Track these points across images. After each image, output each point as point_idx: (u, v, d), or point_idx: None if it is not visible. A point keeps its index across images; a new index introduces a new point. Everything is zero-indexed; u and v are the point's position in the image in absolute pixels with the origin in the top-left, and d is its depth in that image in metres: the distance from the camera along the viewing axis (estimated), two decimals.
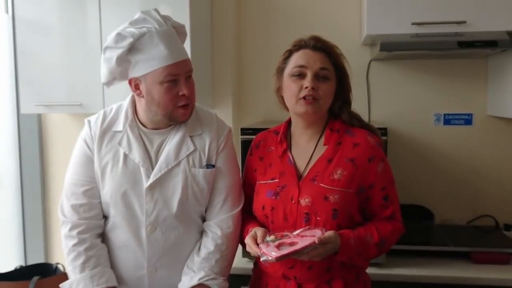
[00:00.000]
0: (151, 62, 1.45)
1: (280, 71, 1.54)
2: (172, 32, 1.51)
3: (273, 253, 1.32)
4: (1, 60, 2.61)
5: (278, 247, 1.35)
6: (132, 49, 1.45)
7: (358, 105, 2.51)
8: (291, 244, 1.34)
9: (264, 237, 1.42)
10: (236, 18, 2.63)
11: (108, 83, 1.56)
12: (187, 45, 2.13)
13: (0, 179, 2.64)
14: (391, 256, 2.12)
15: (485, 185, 2.53)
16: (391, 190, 1.51)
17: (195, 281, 1.50)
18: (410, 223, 2.16)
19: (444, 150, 2.55)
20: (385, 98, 2.58)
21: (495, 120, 2.50)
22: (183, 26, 1.59)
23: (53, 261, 2.66)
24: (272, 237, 1.41)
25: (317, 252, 1.33)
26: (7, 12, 2.62)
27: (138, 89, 1.51)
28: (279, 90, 1.57)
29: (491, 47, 2.09)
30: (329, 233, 1.36)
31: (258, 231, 1.45)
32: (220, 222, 1.57)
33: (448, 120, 2.54)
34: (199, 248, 1.57)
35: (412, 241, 2.18)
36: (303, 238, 1.36)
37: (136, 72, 1.48)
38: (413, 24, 2.11)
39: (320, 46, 1.49)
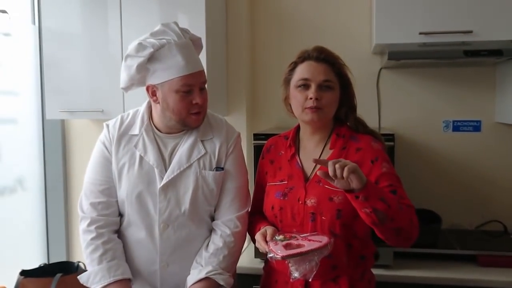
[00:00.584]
0: (169, 71, 1.54)
1: (287, 81, 1.63)
2: (189, 44, 1.60)
3: (279, 252, 1.40)
4: (28, 68, 2.74)
5: (286, 247, 1.42)
6: (151, 58, 1.55)
7: (368, 111, 2.62)
8: (298, 246, 1.41)
9: (273, 235, 1.49)
10: (250, 29, 2.73)
11: (127, 88, 1.65)
12: (203, 55, 2.24)
13: (25, 182, 2.75)
14: (398, 258, 2.17)
15: (494, 191, 2.56)
16: (399, 187, 1.52)
17: (202, 275, 1.57)
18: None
19: (453, 156, 2.59)
20: (395, 105, 2.63)
21: (503, 127, 2.53)
22: (199, 39, 1.69)
23: (74, 259, 2.75)
24: (281, 236, 1.48)
25: (350, 166, 1.29)
26: (34, 23, 2.75)
27: (155, 95, 1.60)
28: (286, 99, 1.65)
29: (497, 56, 2.13)
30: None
31: (269, 229, 1.52)
32: (229, 221, 1.65)
33: (457, 126, 2.58)
34: (208, 244, 1.65)
35: (419, 243, 2.21)
36: (310, 241, 1.43)
37: (154, 79, 1.57)
38: (420, 33, 2.17)
39: (323, 57, 1.56)
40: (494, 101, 2.54)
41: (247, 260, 2.30)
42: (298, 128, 1.70)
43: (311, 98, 1.53)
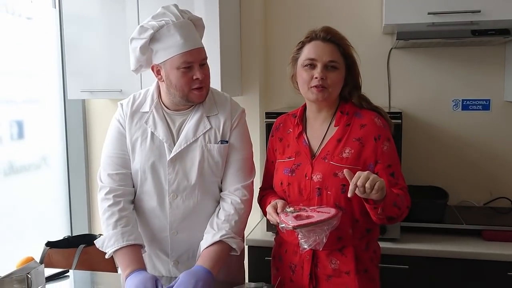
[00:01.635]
0: (169, 50, 1.63)
1: (294, 60, 1.68)
2: (188, 24, 1.68)
3: (290, 222, 1.48)
4: (49, 51, 2.85)
5: (296, 218, 1.50)
6: (153, 39, 1.64)
7: (378, 91, 2.67)
8: (307, 217, 1.50)
9: (283, 208, 1.58)
10: (263, 10, 2.78)
11: (136, 70, 1.76)
12: (217, 38, 2.31)
13: (49, 159, 2.88)
14: (405, 232, 2.25)
15: (502, 168, 2.61)
16: (397, 168, 1.61)
17: (217, 238, 1.66)
18: (424, 202, 2.29)
19: (462, 135, 2.63)
20: (405, 84, 2.68)
21: None
22: (200, 19, 1.76)
23: (96, 232, 2.89)
24: (291, 208, 1.57)
25: (379, 185, 1.37)
26: (54, 7, 2.84)
27: (159, 74, 1.70)
28: (293, 77, 1.71)
29: (504, 35, 2.16)
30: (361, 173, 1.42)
31: (279, 202, 1.61)
32: (237, 191, 1.74)
33: (466, 105, 2.62)
34: (218, 212, 1.74)
35: (426, 218, 2.30)
36: (319, 213, 1.52)
37: (157, 59, 1.67)
38: (429, 13, 2.20)
39: (330, 38, 1.61)
40: (503, 80, 2.56)
41: (259, 234, 2.40)
42: (305, 107, 1.77)
43: (316, 78, 1.59)
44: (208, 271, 1.57)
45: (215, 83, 2.20)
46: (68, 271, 1.84)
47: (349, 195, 1.42)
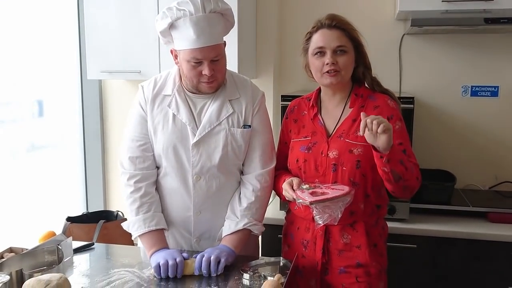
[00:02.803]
0: (182, 42, 1.66)
1: (305, 50, 1.77)
2: (207, 18, 1.63)
3: (307, 198, 1.56)
4: (68, 32, 2.89)
5: (312, 194, 1.59)
6: (172, 26, 1.67)
7: (390, 76, 2.73)
8: (322, 193, 1.58)
9: (299, 185, 1.66)
10: None
11: (166, 44, 1.78)
12: (235, 24, 2.34)
13: (66, 138, 2.96)
14: (414, 213, 2.34)
15: (508, 154, 2.68)
16: (408, 147, 1.70)
17: (240, 226, 1.75)
18: (433, 185, 2.38)
19: (471, 120, 2.70)
20: (416, 70, 2.73)
21: None
22: (229, 9, 1.71)
23: (111, 208, 2.99)
24: (306, 185, 1.65)
25: (385, 125, 1.46)
26: None
27: (176, 59, 1.74)
28: (307, 66, 1.79)
29: None
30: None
31: (295, 179, 1.69)
32: (259, 176, 1.80)
33: (475, 91, 2.68)
34: (240, 198, 1.81)
35: (434, 200, 2.38)
36: (333, 190, 1.60)
37: (175, 45, 1.71)
38: (443, 1, 2.24)
39: (335, 24, 1.69)
40: (511, 67, 2.63)
41: (272, 213, 2.48)
42: (319, 91, 1.84)
43: (327, 64, 1.67)
44: (232, 249, 1.68)
45: (233, 67, 2.27)
46: (94, 244, 1.93)
47: (360, 134, 1.52)
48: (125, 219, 2.48)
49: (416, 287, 2.28)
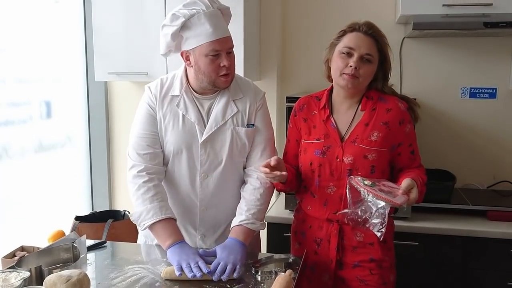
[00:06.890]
0: (199, 38, 1.72)
1: (333, 46, 1.78)
2: (217, 13, 1.76)
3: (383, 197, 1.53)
4: (75, 33, 2.94)
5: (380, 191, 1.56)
6: (183, 27, 1.73)
7: (391, 78, 2.75)
8: (388, 192, 1.57)
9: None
10: (281, 1, 2.87)
11: (165, 54, 1.84)
12: (239, 24, 2.41)
13: (73, 138, 2.99)
14: (416, 212, 2.39)
15: (506, 154, 2.74)
16: (416, 148, 1.80)
17: (243, 220, 1.78)
18: (433, 184, 2.42)
19: (469, 121, 2.77)
20: (416, 72, 2.79)
21: None
22: (228, 8, 1.84)
23: (116, 208, 3.01)
24: (370, 182, 1.59)
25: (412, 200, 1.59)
26: None
27: (188, 60, 1.79)
28: (328, 61, 1.81)
29: None
30: (408, 182, 1.60)
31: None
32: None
33: (474, 93, 2.75)
34: (246, 188, 1.85)
35: (435, 199, 2.44)
36: (392, 188, 1.61)
37: (187, 46, 1.76)
38: (444, 5, 2.30)
39: (371, 32, 1.72)
40: (510, 70, 2.68)
41: (277, 211, 2.54)
42: (330, 91, 1.86)
43: (351, 66, 1.69)
44: (243, 244, 1.72)
45: (239, 69, 2.31)
46: (106, 242, 1.97)
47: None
48: None
49: (418, 283, 2.34)
